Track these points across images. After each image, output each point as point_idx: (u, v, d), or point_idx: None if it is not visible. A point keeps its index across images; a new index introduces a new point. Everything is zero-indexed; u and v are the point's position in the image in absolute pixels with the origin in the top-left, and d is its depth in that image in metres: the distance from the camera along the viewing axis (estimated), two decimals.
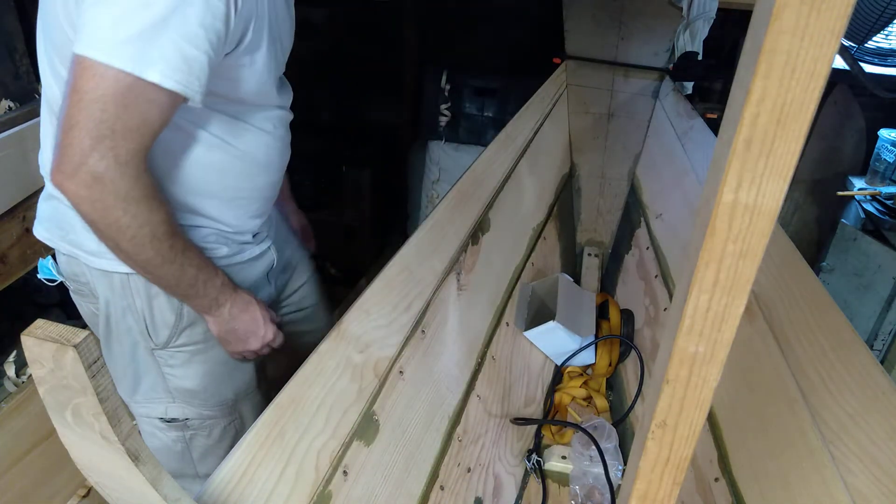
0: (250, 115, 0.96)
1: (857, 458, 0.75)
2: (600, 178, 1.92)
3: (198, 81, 0.78)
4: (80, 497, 1.42)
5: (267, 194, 1.06)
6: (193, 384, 1.06)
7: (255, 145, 0.98)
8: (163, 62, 0.74)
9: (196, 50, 0.75)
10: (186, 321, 1.01)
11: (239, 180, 0.99)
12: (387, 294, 1.06)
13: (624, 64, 1.99)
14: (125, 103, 0.74)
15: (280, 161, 1.05)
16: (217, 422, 1.12)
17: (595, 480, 1.11)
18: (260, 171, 1.01)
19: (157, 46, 0.73)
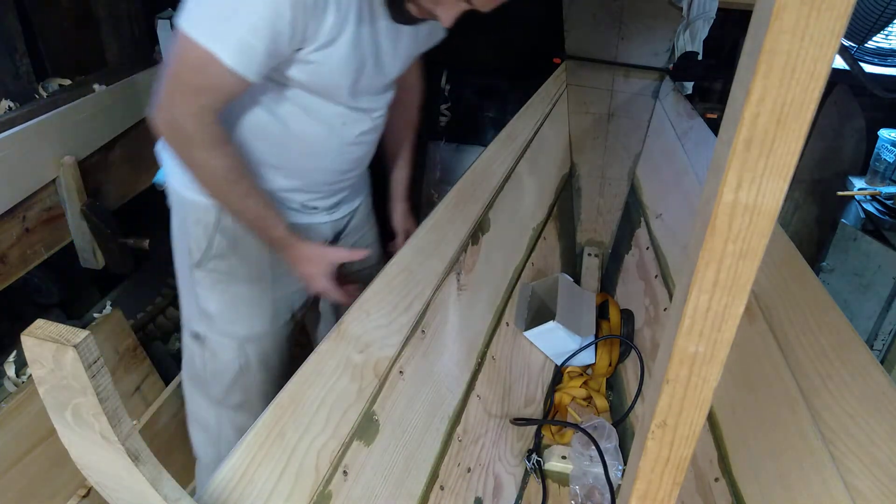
0: (315, 107, 1.07)
1: (857, 458, 0.75)
2: (600, 178, 1.92)
3: (253, 65, 0.92)
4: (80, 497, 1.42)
5: (315, 178, 1.18)
6: (212, 308, 1.23)
7: (312, 133, 1.10)
8: (227, 43, 0.89)
9: (255, 40, 0.89)
10: (216, 251, 1.18)
11: (295, 157, 1.13)
12: (387, 294, 1.06)
13: (624, 64, 1.99)
14: (197, 68, 0.92)
15: (334, 154, 1.16)
16: (226, 350, 1.27)
17: (595, 480, 1.11)
18: (313, 158, 1.14)
19: (227, 29, 0.89)
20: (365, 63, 1.04)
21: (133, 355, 1.79)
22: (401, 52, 1.11)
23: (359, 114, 1.13)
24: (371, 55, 1.04)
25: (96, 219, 1.56)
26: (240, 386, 1.31)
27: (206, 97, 0.95)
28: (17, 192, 1.40)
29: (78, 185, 1.52)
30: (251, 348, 1.28)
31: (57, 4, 1.70)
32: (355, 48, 1.00)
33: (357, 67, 1.03)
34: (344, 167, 1.20)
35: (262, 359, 1.30)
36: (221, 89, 0.95)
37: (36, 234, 1.49)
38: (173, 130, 0.99)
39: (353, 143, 1.16)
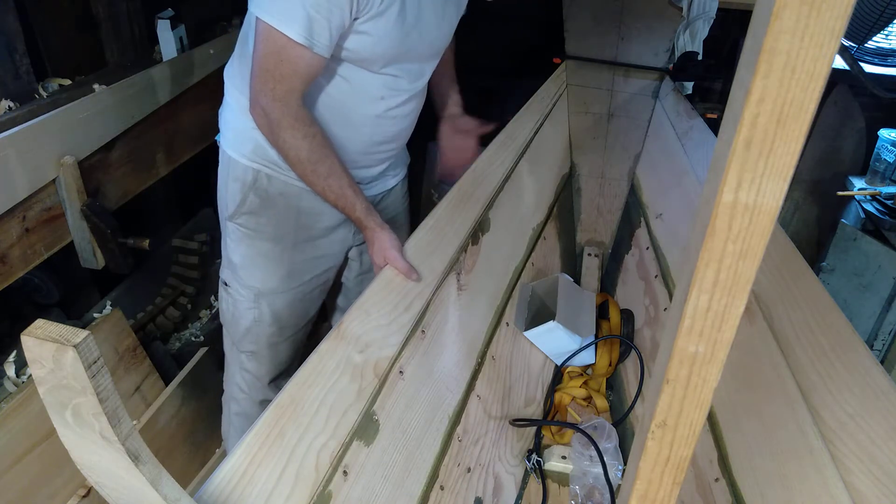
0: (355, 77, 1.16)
1: (857, 458, 0.75)
2: (600, 178, 1.92)
3: (322, 40, 1.02)
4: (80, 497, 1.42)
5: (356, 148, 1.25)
6: (236, 259, 1.36)
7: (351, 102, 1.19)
8: (297, 23, 0.99)
9: (319, 15, 0.99)
10: (247, 208, 1.30)
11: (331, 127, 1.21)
12: (387, 294, 1.06)
13: (624, 64, 1.99)
14: (281, 57, 1.03)
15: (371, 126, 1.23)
16: (243, 300, 1.39)
17: (595, 480, 1.11)
18: (350, 129, 1.22)
19: (295, 13, 0.98)
20: (410, 33, 1.11)
21: (133, 355, 1.79)
22: (445, 20, 1.19)
23: (399, 83, 1.20)
24: (415, 24, 1.11)
25: (96, 219, 1.56)
26: (252, 335, 1.44)
27: (289, 83, 1.05)
28: (17, 192, 1.40)
29: (78, 185, 1.52)
30: (264, 302, 1.38)
31: (57, 4, 1.70)
32: (402, 18, 1.07)
33: (402, 37, 1.10)
34: (382, 139, 1.28)
35: (274, 314, 1.41)
36: (300, 72, 1.04)
37: (36, 234, 1.48)
38: (263, 118, 1.09)
39: (390, 116, 1.24)
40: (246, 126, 1.20)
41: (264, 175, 1.27)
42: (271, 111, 1.08)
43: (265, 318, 1.41)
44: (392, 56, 1.13)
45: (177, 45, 1.85)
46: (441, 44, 1.24)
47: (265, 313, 1.41)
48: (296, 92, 1.07)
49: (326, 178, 1.14)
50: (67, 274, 1.78)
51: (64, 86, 1.64)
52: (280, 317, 1.42)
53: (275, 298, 1.39)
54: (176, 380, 1.83)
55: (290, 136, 1.09)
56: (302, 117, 1.09)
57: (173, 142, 1.87)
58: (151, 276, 2.21)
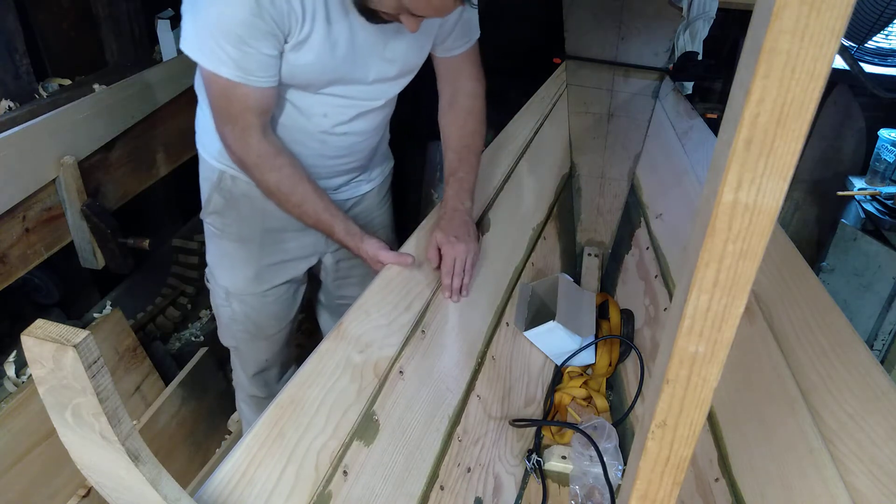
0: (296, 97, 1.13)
1: (857, 458, 0.75)
2: (600, 178, 1.92)
3: (258, 72, 1.00)
4: (80, 497, 1.42)
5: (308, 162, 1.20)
6: (210, 258, 1.39)
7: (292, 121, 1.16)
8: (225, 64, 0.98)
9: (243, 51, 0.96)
10: (213, 208, 1.30)
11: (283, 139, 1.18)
12: (387, 294, 1.06)
13: (624, 64, 1.99)
14: (227, 96, 1.02)
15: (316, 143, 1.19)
16: (219, 296, 1.41)
17: (595, 480, 1.11)
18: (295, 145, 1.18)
19: (223, 56, 0.97)
20: (345, 58, 1.07)
21: (133, 355, 1.79)
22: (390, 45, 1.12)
23: (342, 104, 1.15)
24: (346, 50, 1.07)
25: (96, 219, 1.56)
26: (230, 331, 1.47)
27: (242, 121, 1.04)
28: (17, 192, 1.40)
29: (78, 185, 1.52)
30: (235, 301, 1.39)
31: (57, 4, 1.70)
32: (329, 44, 1.04)
33: (331, 63, 1.07)
34: (333, 154, 1.24)
35: (246, 314, 1.41)
36: (252, 105, 1.03)
37: (36, 234, 1.48)
38: (231, 155, 1.10)
39: (338, 132, 1.19)
40: (212, 127, 1.15)
41: (228, 176, 1.25)
42: (235, 150, 1.08)
43: (238, 317, 1.42)
44: (327, 81, 1.11)
45: (177, 45, 1.85)
46: (395, 68, 1.16)
47: (237, 312, 1.41)
48: (254, 127, 1.06)
49: (300, 206, 1.13)
50: (67, 274, 1.78)
51: (64, 86, 1.65)
52: (252, 317, 1.42)
53: (244, 299, 1.39)
54: (176, 380, 1.83)
55: (257, 172, 1.09)
56: (265, 153, 1.08)
57: (173, 142, 1.87)
58: (151, 276, 2.21)
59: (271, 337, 1.49)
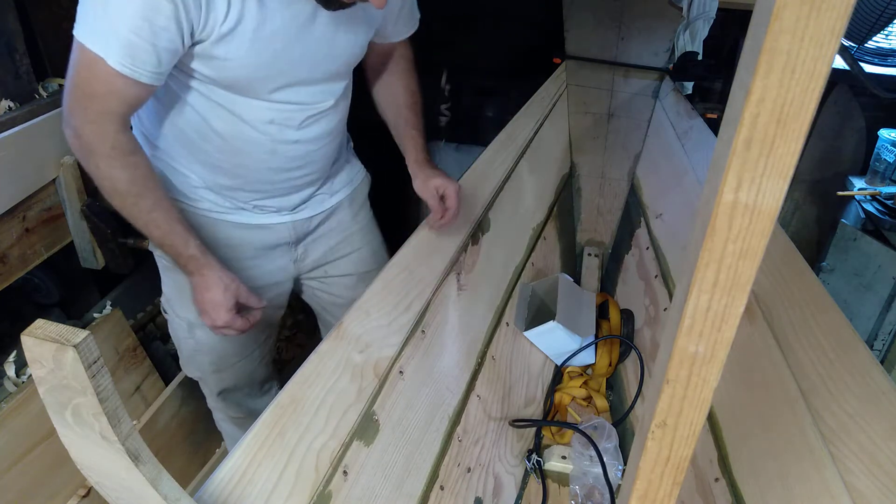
0: (235, 103, 1.01)
1: (857, 458, 0.75)
2: (600, 178, 1.92)
3: (143, 66, 0.87)
4: (80, 497, 1.42)
5: (256, 177, 1.11)
6: (166, 289, 1.27)
7: (234, 131, 1.04)
8: (111, 45, 0.85)
9: (138, 38, 0.85)
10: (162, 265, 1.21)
11: (219, 155, 1.08)
12: (387, 294, 1.06)
13: (624, 64, 1.99)
14: (91, 74, 0.88)
15: (266, 154, 1.08)
16: (180, 328, 1.30)
17: (595, 480, 1.11)
18: (241, 156, 1.08)
19: (108, 29, 0.85)
20: (279, 54, 0.96)
21: (133, 355, 1.78)
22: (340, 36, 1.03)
23: (289, 108, 1.05)
24: (286, 44, 0.96)
25: (96, 219, 1.56)
26: (195, 362, 1.36)
27: (103, 103, 0.89)
28: (17, 192, 1.40)
29: (78, 185, 1.52)
30: (199, 333, 1.28)
31: (57, 4, 1.70)
32: (262, 39, 0.93)
33: (269, 60, 0.96)
34: (286, 165, 1.12)
35: (211, 345, 1.31)
36: (117, 94, 0.89)
37: (36, 234, 1.48)
38: (75, 139, 0.94)
39: (290, 140, 1.09)
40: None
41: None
42: (84, 134, 0.92)
43: (203, 348, 1.31)
44: (265, 80, 0.99)
45: None
46: (341, 63, 1.08)
47: (202, 343, 1.30)
48: (113, 115, 0.91)
49: (150, 213, 0.99)
50: (67, 274, 1.77)
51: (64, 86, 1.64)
52: (218, 347, 1.32)
53: (208, 330, 1.21)
54: (176, 380, 1.83)
55: (106, 164, 0.94)
56: (121, 144, 0.93)
57: None
58: (151, 276, 2.20)
59: (239, 363, 1.38)
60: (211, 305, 1.05)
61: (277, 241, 1.24)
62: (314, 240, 1.30)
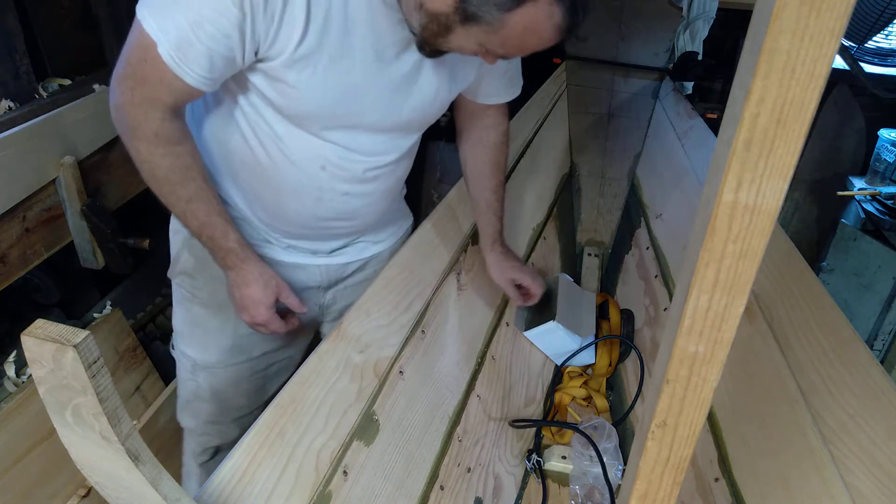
0: (288, 137, 0.93)
1: (857, 458, 0.75)
2: (600, 178, 1.92)
3: (194, 68, 0.80)
4: (80, 497, 1.42)
5: (296, 220, 1.04)
6: (176, 322, 1.17)
7: (280, 171, 0.97)
8: (168, 34, 0.78)
9: (195, 37, 0.78)
10: (181, 267, 1.10)
11: (260, 188, 1.01)
12: (387, 294, 1.06)
13: (624, 64, 1.99)
14: (144, 57, 0.81)
15: (312, 201, 1.00)
16: (184, 368, 1.20)
17: (595, 480, 1.11)
18: (282, 196, 1.00)
19: (170, 21, 0.78)
20: (351, 91, 0.89)
21: (133, 355, 1.79)
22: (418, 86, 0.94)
23: (346, 155, 0.96)
24: (361, 82, 0.88)
25: (96, 219, 1.56)
26: (192, 408, 1.24)
27: (152, 90, 0.83)
28: (17, 192, 1.40)
29: (78, 185, 1.52)
30: (202, 376, 1.18)
31: (57, 4, 1.70)
32: (338, 71, 0.86)
33: (339, 96, 0.88)
34: (330, 215, 1.04)
35: (214, 391, 1.19)
36: (167, 85, 0.82)
37: (36, 234, 1.48)
38: (119, 115, 0.87)
39: (340, 191, 1.00)
40: None
41: None
42: (129, 114, 0.85)
43: (203, 394, 1.20)
44: (328, 118, 0.91)
45: None
46: (416, 116, 0.98)
47: (203, 388, 1.19)
48: (160, 103, 0.84)
49: (189, 203, 0.92)
50: (67, 274, 1.77)
51: (64, 86, 1.64)
52: (222, 395, 1.20)
53: (214, 373, 1.17)
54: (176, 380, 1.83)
55: (147, 149, 0.87)
56: (166, 132, 0.86)
57: None
58: (151, 276, 2.21)
59: (241, 419, 1.25)
60: (250, 301, 1.00)
61: (306, 284, 1.15)
62: (346, 287, 1.20)
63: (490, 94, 1.13)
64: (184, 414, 1.27)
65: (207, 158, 1.01)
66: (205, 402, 1.21)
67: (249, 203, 1.04)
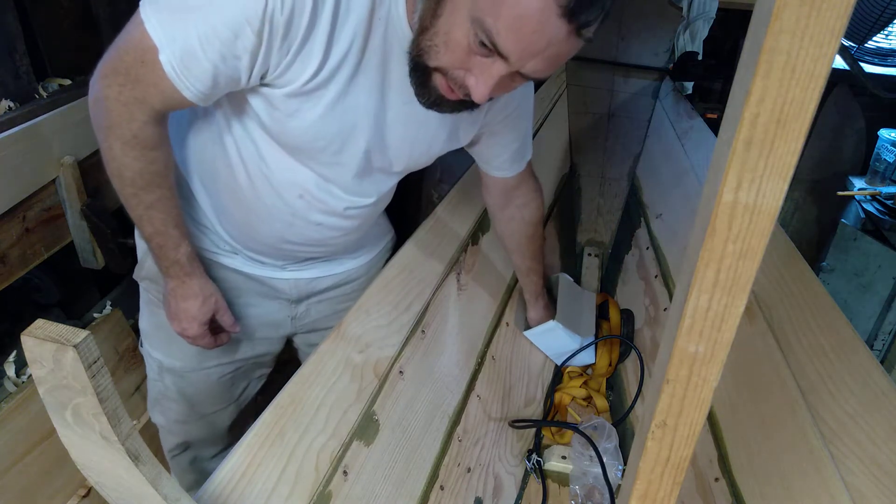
0: (272, 157, 0.90)
1: (857, 458, 0.75)
2: (600, 178, 1.92)
3: (195, 83, 0.76)
4: (80, 497, 1.42)
5: (264, 241, 1.01)
6: (143, 325, 1.16)
7: (256, 190, 0.93)
8: (174, 46, 0.73)
9: (203, 53, 0.73)
10: (146, 273, 1.07)
11: (231, 204, 0.98)
12: (387, 294, 1.06)
13: (624, 64, 1.99)
14: (143, 59, 0.76)
15: (283, 226, 0.97)
16: (151, 369, 1.20)
17: (595, 480, 1.11)
18: (253, 216, 0.97)
19: (179, 29, 0.73)
20: (352, 133, 0.86)
21: (133, 355, 1.78)
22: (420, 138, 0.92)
23: (329, 188, 0.93)
24: (358, 122, 0.85)
25: (96, 219, 1.56)
26: (160, 407, 1.24)
27: (143, 92, 0.78)
28: (17, 192, 1.40)
29: (78, 185, 1.52)
30: (169, 378, 1.16)
31: (57, 4, 1.70)
32: (339, 109, 0.82)
33: (334, 132, 0.85)
34: (300, 241, 1.01)
35: (182, 392, 1.18)
36: (161, 92, 0.78)
37: (36, 234, 1.48)
38: (98, 109, 0.82)
39: (310, 221, 0.97)
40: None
41: None
42: (110, 110, 0.81)
43: (171, 394, 1.19)
44: (317, 150, 0.87)
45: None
46: (404, 161, 0.95)
47: (170, 389, 1.18)
48: (147, 107, 0.80)
49: (148, 209, 0.89)
50: (67, 274, 1.77)
51: (64, 86, 1.64)
52: (189, 397, 1.19)
53: (182, 377, 1.15)
54: None
55: (121, 149, 0.83)
56: (145, 136, 0.82)
57: None
58: None
59: (209, 417, 1.24)
60: (185, 315, 0.98)
61: (273, 296, 1.13)
62: (320, 301, 1.18)
63: (499, 168, 1.11)
64: (154, 412, 1.27)
65: (181, 162, 0.98)
66: (172, 401, 1.21)
67: (218, 215, 1.02)
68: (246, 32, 0.72)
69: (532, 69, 0.71)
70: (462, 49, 0.71)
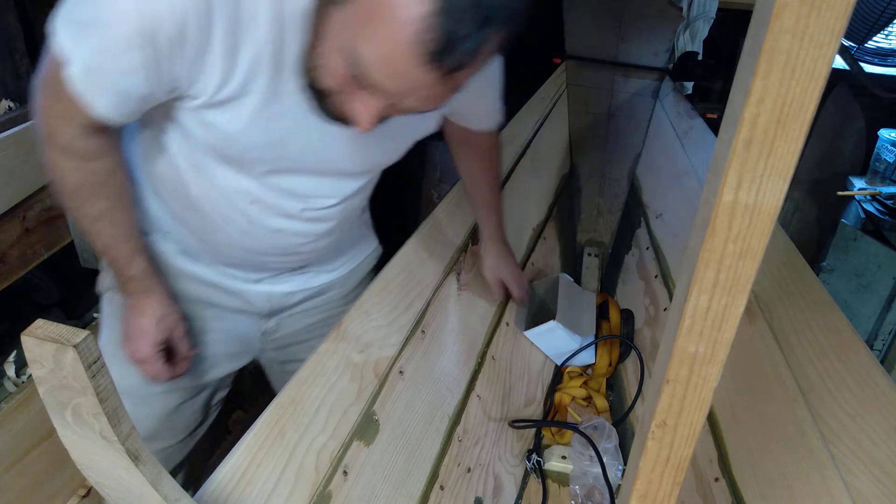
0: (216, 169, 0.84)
1: (857, 458, 0.75)
2: (600, 178, 1.92)
3: (101, 100, 0.72)
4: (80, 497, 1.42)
5: (227, 252, 0.96)
6: (101, 341, 1.03)
7: (208, 200, 0.88)
8: (80, 59, 0.69)
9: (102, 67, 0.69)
10: (109, 283, 1.01)
11: (187, 215, 0.93)
12: (387, 294, 1.06)
13: (624, 64, 1.99)
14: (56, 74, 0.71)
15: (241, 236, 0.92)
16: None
17: (595, 480, 1.11)
18: (211, 226, 0.92)
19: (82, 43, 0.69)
20: (282, 137, 0.80)
21: None
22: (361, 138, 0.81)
23: (281, 194, 0.87)
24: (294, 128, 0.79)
25: None
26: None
27: (67, 108, 0.73)
28: (18, 192, 1.40)
29: None
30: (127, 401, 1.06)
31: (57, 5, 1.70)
32: (266, 117, 0.77)
33: (267, 141, 0.79)
34: (263, 250, 0.95)
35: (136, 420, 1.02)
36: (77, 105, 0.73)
37: (36, 234, 1.49)
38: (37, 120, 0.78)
39: (269, 227, 0.91)
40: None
41: None
42: (44, 121, 0.77)
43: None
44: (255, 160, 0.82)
45: None
46: (360, 166, 0.90)
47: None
48: (74, 122, 0.75)
49: (94, 222, 0.84)
50: (67, 274, 1.77)
51: None
52: (144, 425, 1.05)
53: (135, 402, 1.01)
54: None
55: (60, 160, 0.79)
56: (77, 149, 0.78)
57: None
58: None
59: (166, 451, 1.12)
60: (137, 332, 0.92)
61: (244, 309, 1.05)
62: (291, 315, 1.11)
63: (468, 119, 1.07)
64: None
65: (136, 171, 0.93)
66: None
67: (177, 224, 0.96)
68: (133, 46, 0.67)
69: (409, 107, 0.67)
70: (341, 76, 0.67)
